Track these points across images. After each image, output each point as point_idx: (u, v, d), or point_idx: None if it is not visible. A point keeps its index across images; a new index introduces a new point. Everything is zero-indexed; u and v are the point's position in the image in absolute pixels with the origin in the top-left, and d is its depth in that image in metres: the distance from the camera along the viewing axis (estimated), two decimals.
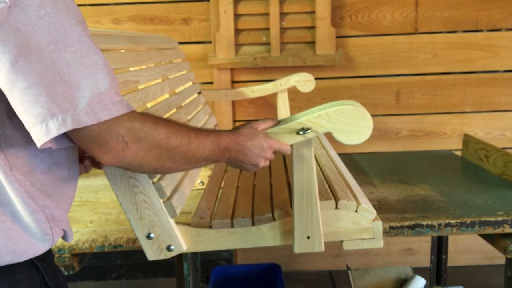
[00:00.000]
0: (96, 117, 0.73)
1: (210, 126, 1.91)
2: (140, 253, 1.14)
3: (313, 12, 2.34)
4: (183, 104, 1.63)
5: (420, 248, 2.62)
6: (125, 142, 0.77)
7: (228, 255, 2.49)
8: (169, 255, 1.13)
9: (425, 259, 2.41)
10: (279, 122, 1.03)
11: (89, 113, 0.72)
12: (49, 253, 0.88)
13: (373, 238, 1.15)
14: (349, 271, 1.67)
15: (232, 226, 1.16)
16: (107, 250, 1.29)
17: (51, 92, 0.71)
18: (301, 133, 0.99)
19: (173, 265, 2.30)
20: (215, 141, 0.91)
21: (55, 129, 0.71)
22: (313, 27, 2.36)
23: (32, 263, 0.83)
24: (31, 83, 0.70)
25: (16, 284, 0.81)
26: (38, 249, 0.82)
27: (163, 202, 1.09)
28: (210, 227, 1.16)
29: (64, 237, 0.90)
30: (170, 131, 0.83)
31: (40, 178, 0.80)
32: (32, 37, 0.70)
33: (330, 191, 1.22)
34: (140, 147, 0.79)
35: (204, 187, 1.52)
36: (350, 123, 0.97)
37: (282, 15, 2.35)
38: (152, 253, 1.12)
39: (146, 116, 0.81)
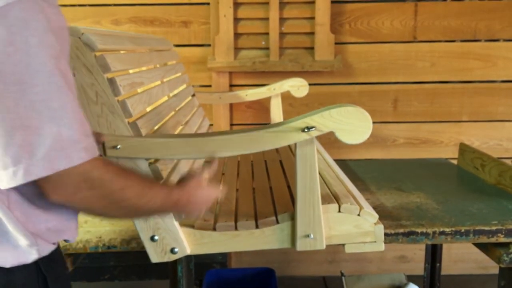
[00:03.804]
0: (52, 167, 0.71)
1: (204, 129, 1.90)
2: (134, 254, 1.14)
3: (312, 18, 2.35)
4: (178, 108, 1.63)
5: (414, 255, 2.62)
6: (79, 188, 0.75)
7: (222, 258, 2.48)
8: (173, 257, 1.13)
9: (419, 267, 2.41)
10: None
11: (46, 164, 0.70)
12: None
13: (375, 242, 1.17)
14: (343, 277, 1.67)
15: (236, 228, 1.16)
16: (101, 251, 1.29)
17: (6, 141, 0.69)
18: (306, 130, 1.02)
19: (166, 267, 2.29)
20: (167, 194, 0.91)
21: (5, 182, 0.71)
22: (312, 33, 2.36)
23: None
24: None
25: (11, 273, 0.81)
26: (25, 259, 0.82)
27: None
28: (214, 229, 1.16)
29: (66, 241, 0.91)
30: (128, 184, 0.81)
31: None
32: None
33: (332, 195, 1.23)
34: (92, 195, 0.77)
35: None
36: (351, 123, 1.02)
37: (282, 20, 2.36)
38: (156, 256, 1.13)
39: (109, 166, 0.79)
